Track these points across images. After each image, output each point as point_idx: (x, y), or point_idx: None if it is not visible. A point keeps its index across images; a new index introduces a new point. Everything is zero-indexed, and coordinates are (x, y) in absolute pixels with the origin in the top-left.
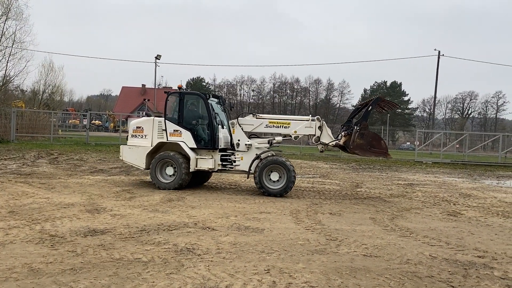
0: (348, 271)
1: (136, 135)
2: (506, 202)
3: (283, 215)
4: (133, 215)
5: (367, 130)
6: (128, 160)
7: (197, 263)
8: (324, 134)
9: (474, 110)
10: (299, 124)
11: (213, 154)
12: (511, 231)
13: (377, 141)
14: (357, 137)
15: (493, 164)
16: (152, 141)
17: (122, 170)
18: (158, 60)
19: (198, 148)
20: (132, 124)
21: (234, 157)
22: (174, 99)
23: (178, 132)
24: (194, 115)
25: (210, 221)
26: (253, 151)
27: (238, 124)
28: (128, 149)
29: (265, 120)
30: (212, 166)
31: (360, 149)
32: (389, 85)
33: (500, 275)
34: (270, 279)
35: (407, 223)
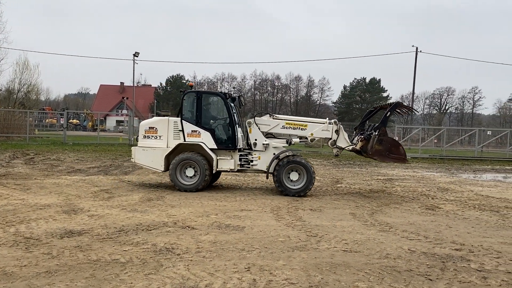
0: (328, 267)
1: (149, 136)
2: (482, 195)
3: (264, 212)
4: (111, 215)
5: (385, 136)
6: (143, 162)
7: (176, 263)
8: (341, 138)
9: (451, 106)
10: (316, 126)
11: (232, 154)
12: (487, 223)
13: (396, 147)
14: (375, 143)
15: (470, 158)
16: (168, 142)
17: (101, 169)
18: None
19: (218, 148)
20: (143, 124)
21: (252, 157)
22: (191, 99)
23: (196, 133)
24: (213, 115)
25: (190, 220)
26: (271, 150)
27: (255, 124)
28: (142, 151)
29: (282, 121)
30: (233, 166)
31: (379, 155)
32: (368, 82)
33: (476, 267)
34: (250, 277)
35: (387, 218)
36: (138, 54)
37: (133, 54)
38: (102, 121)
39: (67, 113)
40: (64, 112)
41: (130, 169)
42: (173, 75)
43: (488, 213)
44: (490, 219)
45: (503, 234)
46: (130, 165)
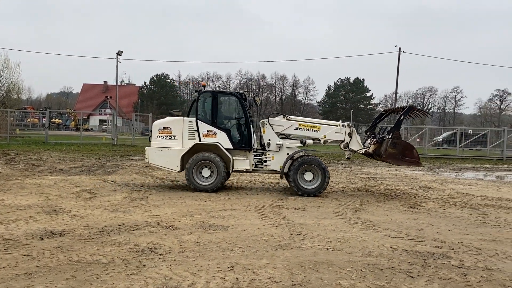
0: (311, 265)
1: (163, 136)
2: (463, 193)
3: (248, 212)
4: (93, 215)
5: (399, 139)
6: (158, 163)
7: (159, 263)
8: (353, 141)
9: (433, 105)
10: (329, 129)
11: (247, 154)
12: (467, 221)
13: (410, 150)
14: (389, 146)
15: (451, 157)
16: (183, 142)
17: (83, 169)
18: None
19: (234, 149)
20: (157, 124)
21: (265, 157)
22: (206, 99)
23: (212, 133)
24: (229, 115)
25: (174, 220)
26: (284, 151)
27: (269, 124)
28: (156, 151)
29: (295, 122)
30: (248, 166)
31: (393, 158)
32: (353, 81)
33: (456, 264)
34: (233, 276)
35: (369, 216)
36: (121, 52)
37: (116, 52)
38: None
39: (49, 112)
40: (46, 111)
41: (113, 169)
42: (157, 74)
43: (468, 211)
44: (471, 217)
45: (483, 231)
46: (113, 165)
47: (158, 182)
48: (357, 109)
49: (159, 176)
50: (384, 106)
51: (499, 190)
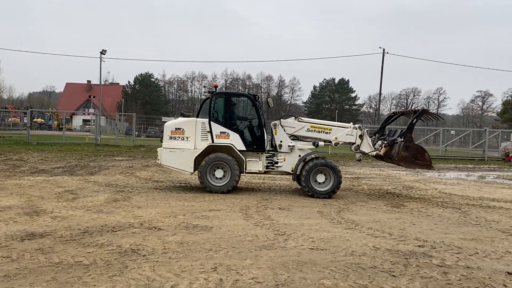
0: (295, 265)
1: (176, 137)
2: (445, 193)
3: (233, 212)
4: (75, 216)
5: (412, 143)
6: (171, 164)
7: (141, 264)
8: (365, 143)
9: (417, 106)
10: (341, 131)
11: (260, 156)
12: (449, 220)
13: (422, 153)
14: (402, 149)
15: (434, 157)
16: (196, 144)
17: (65, 170)
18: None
19: (246, 150)
20: (169, 125)
21: (277, 159)
22: (219, 100)
23: (225, 134)
24: (242, 116)
25: (157, 221)
26: (296, 152)
27: (281, 125)
28: (169, 152)
29: (307, 124)
30: (261, 168)
31: (405, 161)
32: (338, 82)
33: (438, 263)
34: (217, 277)
35: (353, 216)
36: (105, 51)
37: (100, 51)
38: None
39: (31, 111)
40: (28, 111)
41: (96, 170)
42: (141, 73)
43: (450, 210)
44: (452, 216)
45: (464, 230)
46: (96, 165)
47: (142, 182)
48: (342, 110)
49: (143, 176)
50: (368, 106)
51: (480, 189)
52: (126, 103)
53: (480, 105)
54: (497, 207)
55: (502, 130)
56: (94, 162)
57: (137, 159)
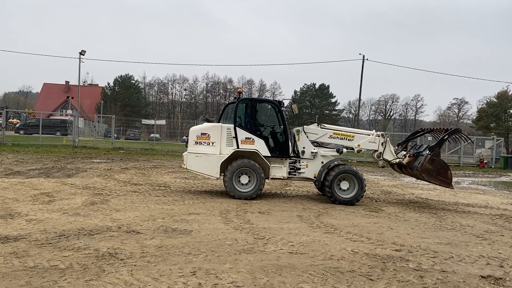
0: (274, 269)
1: (201, 142)
2: (422, 198)
3: (213, 216)
4: (51, 219)
5: (438, 157)
6: (197, 169)
7: (119, 268)
8: (387, 151)
9: (395, 112)
10: (363, 138)
11: (284, 162)
12: (425, 225)
13: (445, 170)
14: (427, 161)
15: None
16: (221, 149)
17: (42, 172)
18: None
19: (271, 156)
20: (195, 130)
21: (299, 165)
22: (244, 106)
23: (250, 140)
24: (267, 122)
25: (135, 224)
26: (319, 159)
27: (304, 132)
28: (195, 157)
29: (330, 131)
30: (285, 174)
31: (427, 173)
32: (318, 87)
33: (414, 267)
34: (195, 281)
35: (332, 220)
36: (84, 52)
37: (79, 52)
38: None
39: (6, 112)
40: (3, 111)
41: (73, 172)
42: (121, 75)
43: (426, 215)
44: (429, 221)
45: (440, 235)
46: (74, 168)
47: (120, 185)
48: (322, 115)
49: (121, 179)
50: (348, 112)
51: (456, 195)
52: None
53: (456, 112)
54: (471, 212)
55: (477, 137)
56: (71, 164)
57: (116, 161)
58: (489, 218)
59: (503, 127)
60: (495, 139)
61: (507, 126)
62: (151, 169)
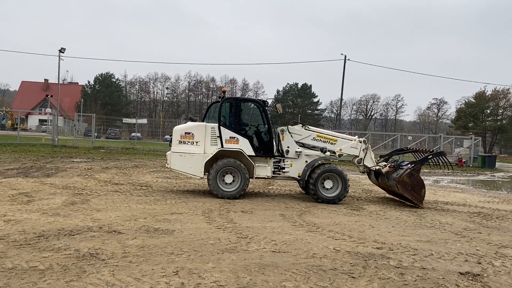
0: (257, 268)
1: (185, 142)
2: None
3: (195, 215)
4: (30, 220)
5: (417, 174)
6: (180, 168)
7: (100, 269)
8: (368, 157)
9: (376, 112)
10: (346, 143)
11: (268, 161)
12: (406, 223)
13: (420, 187)
14: (406, 174)
15: None
16: (205, 148)
17: (20, 171)
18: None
19: (255, 155)
20: (178, 129)
21: (283, 164)
22: (229, 105)
23: (235, 139)
24: (252, 122)
25: (117, 224)
26: (303, 158)
27: (288, 132)
28: (179, 156)
29: (313, 133)
30: (269, 173)
31: (403, 186)
32: (300, 87)
33: (395, 264)
34: (178, 281)
35: (314, 219)
36: (64, 50)
37: (58, 50)
38: (23, 120)
39: None
40: None
41: (53, 171)
42: (102, 73)
43: (407, 213)
44: (409, 219)
45: (420, 232)
46: (53, 167)
47: (101, 185)
48: (305, 114)
49: (102, 179)
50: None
51: (435, 193)
52: (85, 103)
53: (435, 112)
54: (450, 210)
55: (455, 137)
56: (50, 164)
57: (97, 161)
58: (467, 216)
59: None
60: (473, 138)
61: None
62: (133, 169)
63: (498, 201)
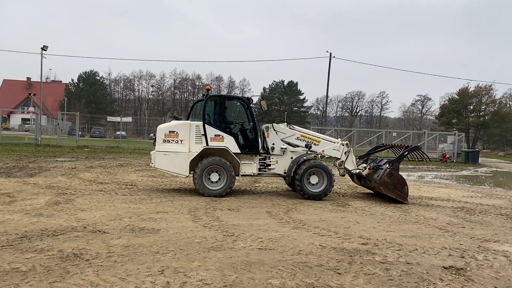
0: (244, 265)
1: (170, 140)
2: None
3: (181, 214)
4: (12, 220)
5: (396, 172)
6: (165, 167)
7: (84, 269)
8: (349, 160)
9: (361, 109)
10: (329, 144)
11: (254, 158)
12: (391, 218)
13: (402, 185)
14: (386, 175)
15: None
16: (190, 147)
17: (2, 171)
18: (45, 51)
19: (241, 153)
20: (162, 128)
21: (269, 161)
22: (213, 103)
23: (220, 137)
24: (236, 119)
25: (101, 224)
26: (288, 154)
27: (273, 129)
28: (163, 155)
29: (298, 133)
30: (255, 171)
31: (385, 186)
32: (287, 84)
33: (380, 260)
34: (164, 280)
35: (300, 215)
36: (46, 47)
37: (41, 47)
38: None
39: None
40: None
41: (36, 171)
42: (86, 71)
43: (392, 209)
44: (394, 214)
45: (404, 228)
46: (36, 167)
47: (86, 184)
48: (291, 111)
49: (87, 178)
50: (316, 109)
51: (420, 189)
52: (69, 102)
53: (420, 108)
54: (434, 205)
55: (439, 133)
56: (34, 163)
57: (81, 160)
58: (451, 211)
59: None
60: (457, 134)
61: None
62: (117, 168)
63: (481, 196)
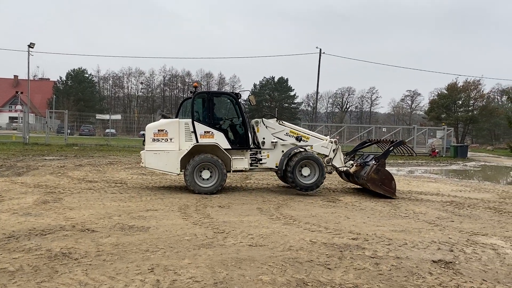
0: (234, 262)
1: (159, 139)
2: None
3: (171, 212)
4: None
5: (383, 168)
6: (156, 166)
7: (73, 268)
8: (337, 158)
9: (351, 104)
10: (317, 141)
11: (245, 153)
12: (381, 213)
13: (389, 180)
14: (373, 171)
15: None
16: (180, 144)
17: None
18: (32, 48)
19: (232, 148)
20: (151, 127)
21: (260, 155)
22: (202, 100)
23: (209, 134)
24: (225, 115)
25: (90, 223)
26: (279, 148)
27: (263, 123)
28: (153, 154)
29: (287, 129)
30: (247, 166)
31: (372, 183)
32: (277, 81)
33: (370, 255)
34: (153, 278)
35: (291, 211)
36: (33, 45)
37: (28, 45)
38: None
39: None
40: None
41: (24, 170)
42: (74, 69)
43: (382, 204)
44: (384, 209)
45: (394, 222)
46: (24, 166)
47: (74, 183)
48: (282, 108)
49: (75, 176)
50: (306, 105)
51: (409, 184)
52: (57, 100)
53: (409, 104)
54: (424, 200)
55: (429, 128)
56: (21, 162)
57: (70, 158)
58: (440, 205)
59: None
60: (446, 129)
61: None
62: (107, 166)
63: (470, 190)
